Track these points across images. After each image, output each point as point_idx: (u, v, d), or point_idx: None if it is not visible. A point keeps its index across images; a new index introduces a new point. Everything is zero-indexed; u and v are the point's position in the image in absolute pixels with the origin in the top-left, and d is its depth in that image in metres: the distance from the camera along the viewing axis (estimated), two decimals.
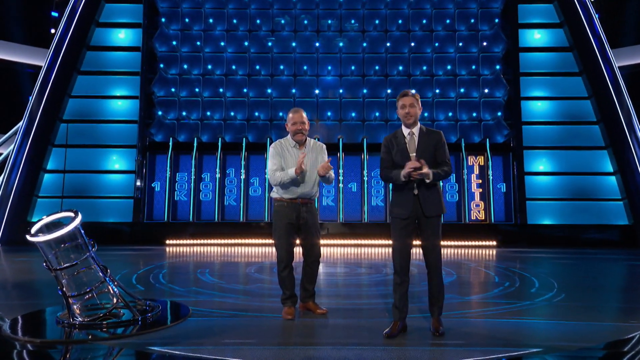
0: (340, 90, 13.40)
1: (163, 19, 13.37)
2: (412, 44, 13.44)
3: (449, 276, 6.79)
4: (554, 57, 13.03)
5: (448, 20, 13.48)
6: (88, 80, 12.93)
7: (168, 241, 11.96)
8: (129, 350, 3.39)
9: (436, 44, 13.43)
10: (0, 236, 11.61)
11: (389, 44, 13.47)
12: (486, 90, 13.16)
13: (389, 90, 13.24)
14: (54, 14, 15.00)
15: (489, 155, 12.63)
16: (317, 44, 13.50)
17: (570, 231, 12.07)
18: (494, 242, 11.92)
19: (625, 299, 5.74)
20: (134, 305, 4.18)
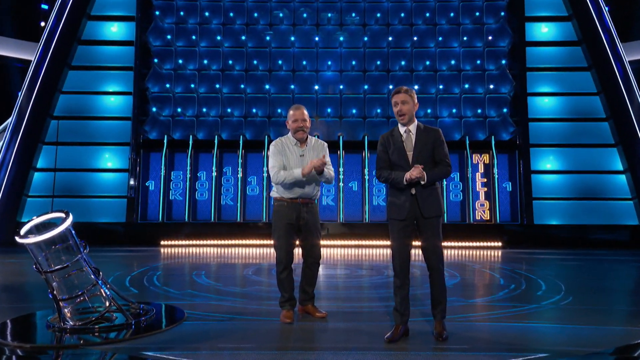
0: (341, 86, 13.12)
1: (157, 12, 13.04)
2: (415, 38, 13.13)
3: (453, 278, 6.70)
4: (562, 52, 12.70)
5: (452, 13, 13.15)
6: (79, 75, 12.60)
7: (163, 242, 11.72)
8: (122, 355, 3.38)
9: (440, 38, 13.12)
10: None
11: (391, 38, 13.16)
12: (491, 86, 12.86)
13: (391, 86, 12.93)
14: (44, 7, 14.85)
15: (494, 153, 12.34)
16: (317, 38, 13.21)
17: (578, 232, 11.80)
18: (499, 243, 11.66)
19: (635, 302, 5.66)
20: (127, 308, 4.18)
